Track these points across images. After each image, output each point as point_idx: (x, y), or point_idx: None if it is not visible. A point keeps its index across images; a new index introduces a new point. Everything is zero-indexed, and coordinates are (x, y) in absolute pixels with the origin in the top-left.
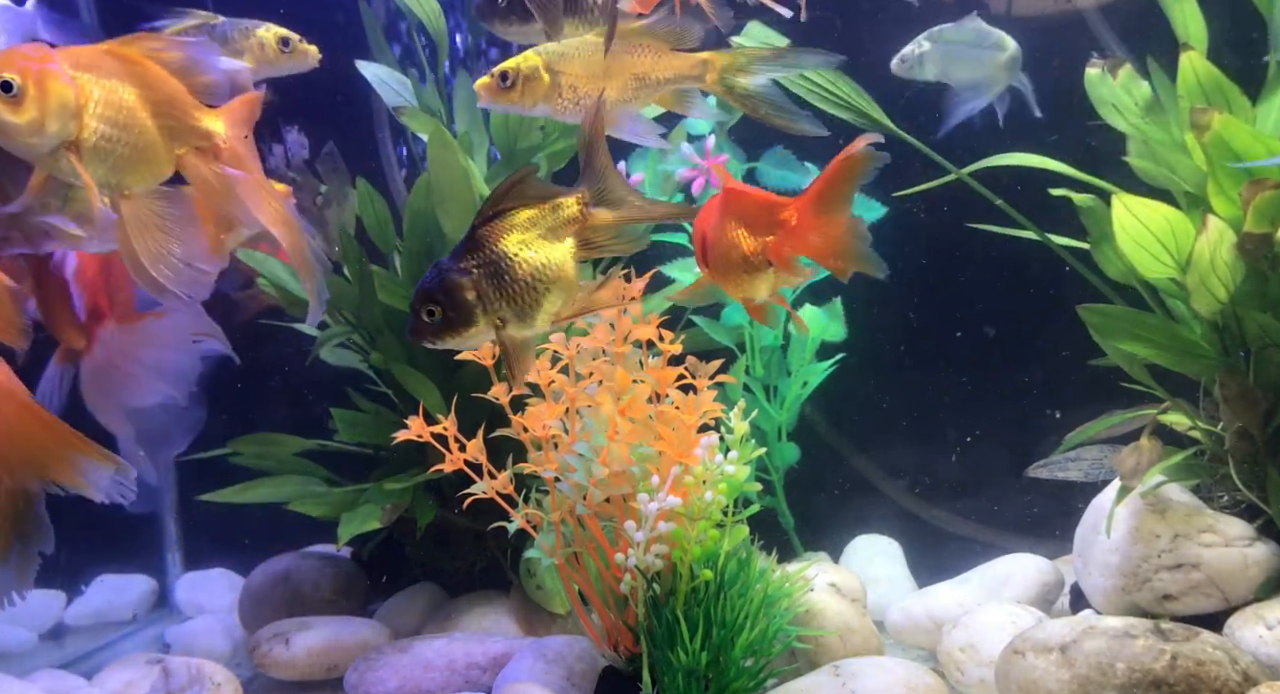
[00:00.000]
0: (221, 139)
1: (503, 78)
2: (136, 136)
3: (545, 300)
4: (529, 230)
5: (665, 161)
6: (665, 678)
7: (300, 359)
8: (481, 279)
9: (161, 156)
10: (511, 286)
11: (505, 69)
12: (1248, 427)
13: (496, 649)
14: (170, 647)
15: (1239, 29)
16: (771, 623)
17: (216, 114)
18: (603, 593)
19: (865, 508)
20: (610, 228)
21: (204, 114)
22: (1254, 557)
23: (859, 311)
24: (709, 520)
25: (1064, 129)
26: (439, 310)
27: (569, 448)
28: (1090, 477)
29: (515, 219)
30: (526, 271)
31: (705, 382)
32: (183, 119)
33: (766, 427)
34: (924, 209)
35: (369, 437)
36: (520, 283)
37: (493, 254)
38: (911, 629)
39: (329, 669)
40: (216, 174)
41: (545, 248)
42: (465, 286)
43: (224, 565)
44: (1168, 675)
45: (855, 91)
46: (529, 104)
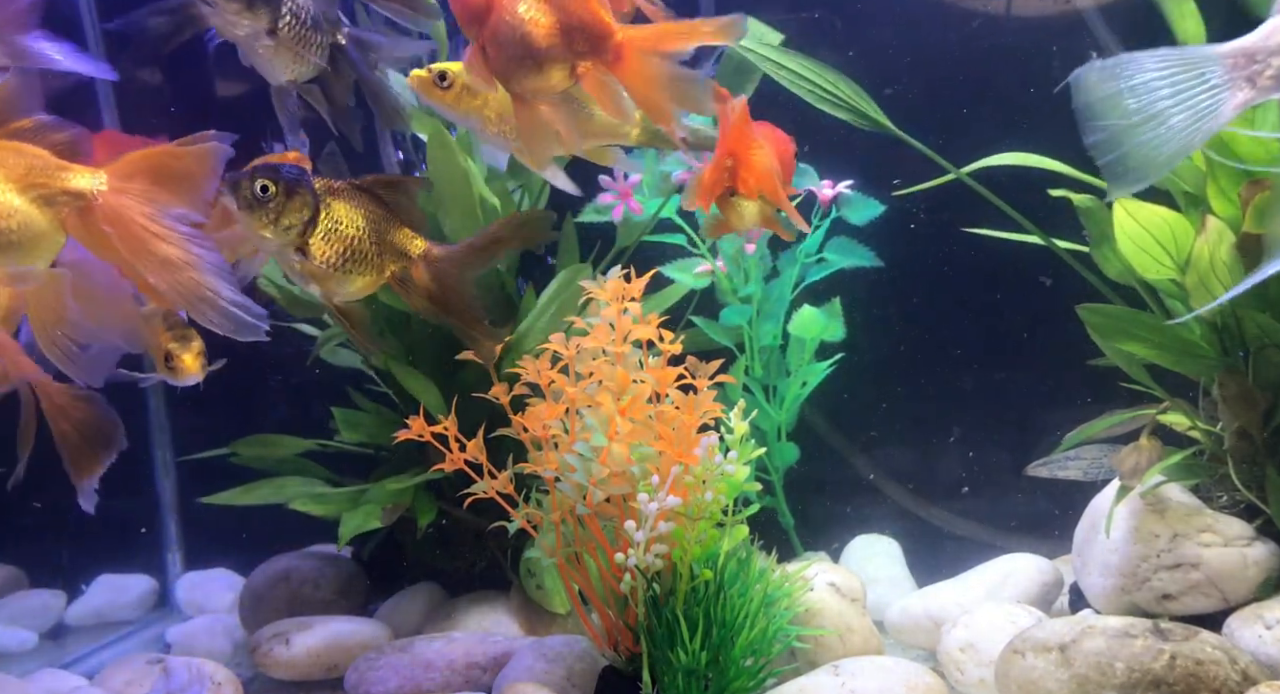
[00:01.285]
0: (92, 194)
1: (441, 77)
2: (9, 220)
3: (349, 277)
4: (368, 223)
5: (663, 162)
6: (665, 677)
7: (300, 359)
8: (321, 206)
9: (44, 229)
10: (331, 239)
11: (445, 71)
12: (1247, 427)
13: (497, 649)
14: (170, 647)
15: (1237, 29)
16: (771, 623)
17: (87, 170)
18: (603, 593)
19: (865, 508)
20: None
21: (71, 172)
22: (1253, 556)
23: (859, 311)
24: (709, 520)
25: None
26: (275, 189)
27: (569, 448)
28: (1089, 476)
29: (367, 205)
30: (349, 242)
31: (705, 382)
32: (50, 183)
33: (766, 427)
34: (924, 209)
35: (369, 437)
36: (341, 244)
37: (336, 209)
38: (911, 629)
39: (329, 669)
40: (97, 233)
41: (369, 243)
42: (305, 194)
43: (224, 565)
44: (1167, 675)
45: (854, 92)
46: (458, 112)
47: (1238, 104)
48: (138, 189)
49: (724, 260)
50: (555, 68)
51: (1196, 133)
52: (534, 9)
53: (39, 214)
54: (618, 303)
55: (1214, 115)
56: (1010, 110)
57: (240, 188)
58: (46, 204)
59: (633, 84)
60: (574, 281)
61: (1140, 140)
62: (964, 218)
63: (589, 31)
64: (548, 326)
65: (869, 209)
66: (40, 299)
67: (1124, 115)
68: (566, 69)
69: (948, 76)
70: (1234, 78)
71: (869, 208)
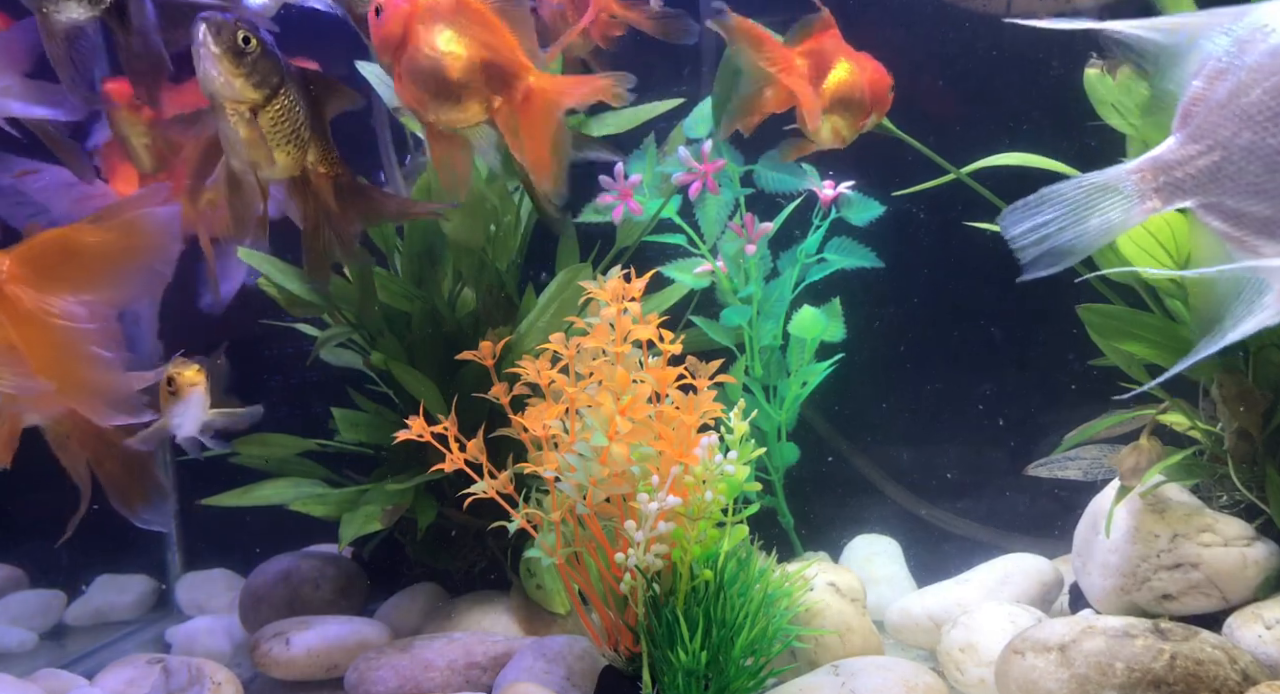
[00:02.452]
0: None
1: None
2: None
3: (278, 154)
4: (308, 113)
5: (663, 163)
6: (665, 677)
7: (300, 359)
8: (287, 80)
9: None
10: (284, 113)
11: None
12: (1247, 427)
13: (497, 649)
14: (170, 647)
15: None
16: (771, 622)
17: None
18: (603, 593)
19: (865, 508)
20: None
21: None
22: (1253, 556)
23: (859, 312)
24: (709, 520)
25: (1063, 129)
26: (255, 44)
27: (569, 448)
28: (1089, 476)
29: (311, 97)
30: (296, 123)
31: (705, 382)
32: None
33: (766, 427)
34: (924, 209)
35: (369, 437)
36: (289, 122)
37: (294, 87)
38: (911, 629)
39: (329, 669)
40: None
41: (305, 131)
42: (278, 61)
43: (224, 565)
44: (1167, 675)
45: None
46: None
47: (1147, 211)
48: (39, 277)
49: (724, 260)
50: (470, 101)
51: (1109, 233)
52: (452, 42)
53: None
54: (618, 303)
55: (1125, 221)
56: (1010, 110)
57: (223, 32)
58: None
59: (530, 128)
60: (574, 281)
61: (1061, 240)
62: (964, 218)
63: (504, 70)
64: (548, 327)
65: (869, 210)
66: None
67: (1053, 240)
68: (481, 103)
69: (947, 77)
70: (1142, 191)
71: (869, 208)
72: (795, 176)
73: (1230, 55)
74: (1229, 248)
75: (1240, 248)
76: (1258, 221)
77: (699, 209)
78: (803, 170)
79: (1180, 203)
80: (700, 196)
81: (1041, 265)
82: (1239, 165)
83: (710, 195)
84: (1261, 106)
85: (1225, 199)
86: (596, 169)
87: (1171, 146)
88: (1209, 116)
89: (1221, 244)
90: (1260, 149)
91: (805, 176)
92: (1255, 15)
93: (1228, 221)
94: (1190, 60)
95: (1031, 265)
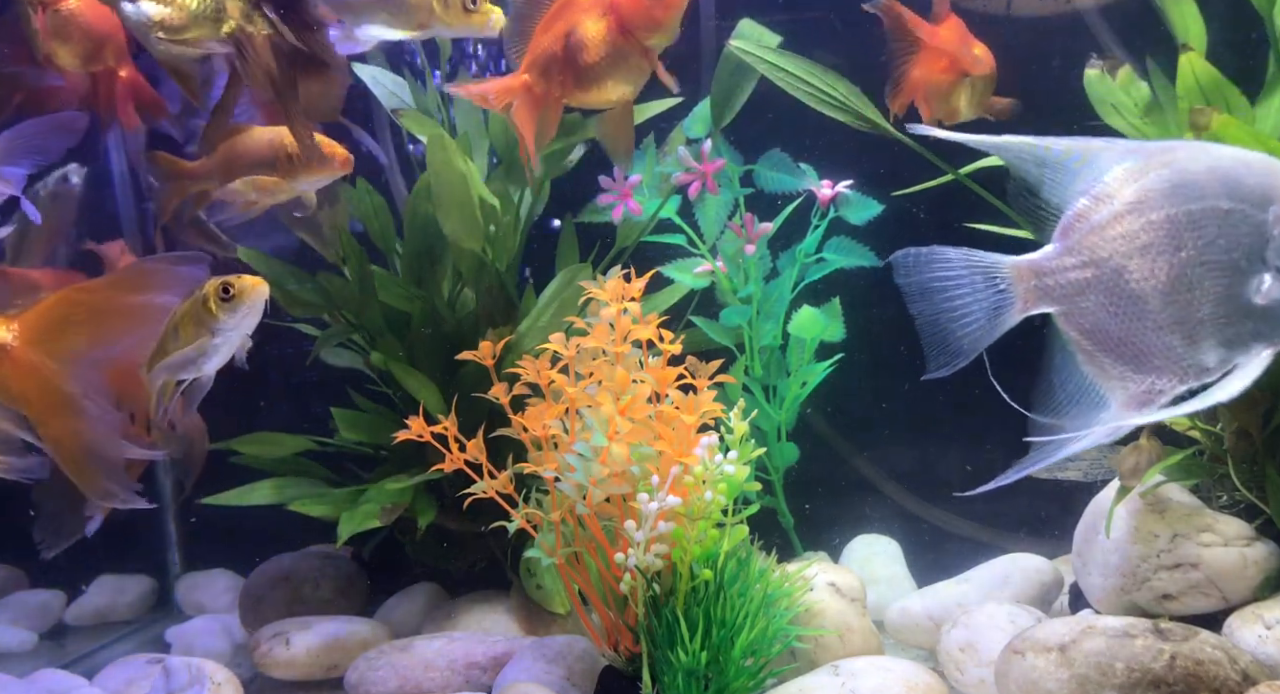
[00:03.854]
0: (8, 343)
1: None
2: None
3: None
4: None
5: (663, 163)
6: (665, 677)
7: (300, 359)
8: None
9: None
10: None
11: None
12: (1246, 426)
13: (497, 649)
14: (170, 646)
15: (1238, 29)
16: (771, 623)
17: (9, 320)
18: (603, 593)
19: (865, 508)
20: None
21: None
22: (1253, 556)
23: (859, 311)
24: (709, 520)
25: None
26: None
27: (569, 448)
28: (1089, 476)
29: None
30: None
31: (705, 382)
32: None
33: (766, 427)
34: (923, 209)
35: (369, 436)
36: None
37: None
38: (911, 629)
39: (329, 669)
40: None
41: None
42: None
43: (224, 565)
44: (1167, 675)
45: (852, 93)
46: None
47: (1019, 310)
48: (48, 339)
49: (724, 260)
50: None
51: (994, 328)
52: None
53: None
54: (618, 303)
55: (1004, 319)
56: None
57: None
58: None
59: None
60: (574, 281)
61: (950, 329)
62: (963, 218)
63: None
64: (548, 326)
65: (868, 209)
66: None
67: (935, 304)
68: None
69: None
70: (1017, 288)
71: (868, 208)
72: (794, 176)
73: (1117, 183)
74: (1079, 358)
75: (1089, 361)
76: (1110, 339)
77: (698, 209)
78: (802, 170)
79: (1046, 308)
80: (700, 196)
81: (939, 362)
82: (1106, 285)
83: (710, 195)
84: (1132, 236)
85: (1087, 313)
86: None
87: (1049, 254)
88: (1088, 235)
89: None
90: (1126, 273)
91: (804, 177)
92: (1146, 152)
93: (1083, 334)
94: (1081, 179)
95: (932, 361)
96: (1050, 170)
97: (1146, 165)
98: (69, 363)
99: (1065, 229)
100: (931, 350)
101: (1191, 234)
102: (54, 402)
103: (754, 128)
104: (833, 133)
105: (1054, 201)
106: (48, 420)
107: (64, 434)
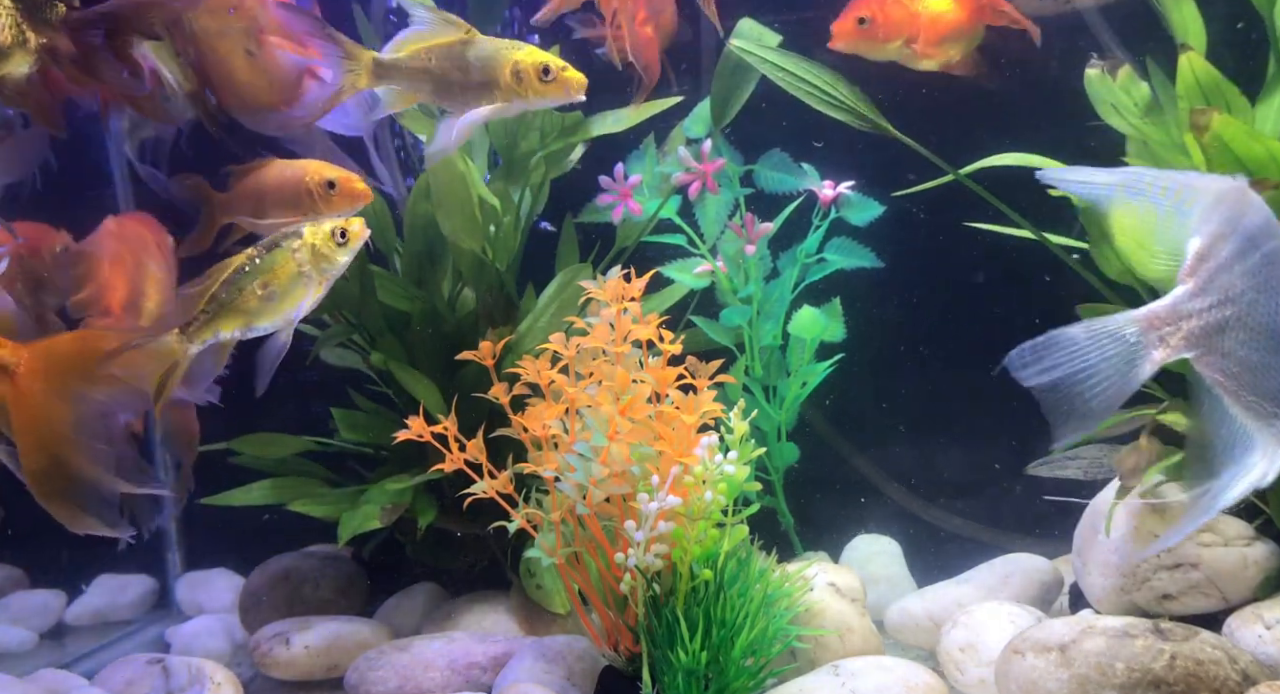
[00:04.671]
0: (15, 369)
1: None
2: None
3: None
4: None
5: (663, 163)
6: (665, 677)
7: (300, 359)
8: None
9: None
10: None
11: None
12: None
13: (497, 649)
14: (170, 646)
15: (1238, 29)
16: (771, 622)
17: (9, 347)
18: (603, 593)
19: (865, 508)
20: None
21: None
22: (1253, 556)
23: (859, 311)
24: (709, 520)
25: (1063, 129)
26: None
27: (569, 448)
28: (1089, 475)
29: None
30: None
31: (705, 382)
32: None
33: (766, 427)
34: (923, 209)
35: (369, 437)
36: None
37: None
38: (911, 629)
39: (329, 669)
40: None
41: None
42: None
43: (224, 565)
44: (1167, 675)
45: (852, 93)
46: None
47: (1157, 360)
48: (53, 374)
49: (724, 260)
50: None
51: (1128, 387)
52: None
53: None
54: (618, 303)
55: (1138, 373)
56: (1009, 110)
57: None
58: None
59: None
60: (574, 281)
61: (1079, 395)
62: (963, 218)
63: None
64: (548, 327)
65: (869, 210)
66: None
67: (1064, 382)
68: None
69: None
70: (1148, 337)
71: (869, 209)
72: (794, 176)
73: (1228, 220)
74: (1225, 400)
75: (1236, 401)
76: (1254, 375)
77: (699, 209)
78: (802, 170)
79: (1186, 353)
80: (700, 196)
81: (1068, 429)
82: (1243, 322)
83: (710, 195)
84: (1256, 271)
85: (1230, 352)
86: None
87: (1180, 297)
88: (1217, 274)
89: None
90: (1258, 307)
91: (805, 176)
92: (1233, 190)
93: (1226, 375)
94: (1185, 217)
95: (1058, 430)
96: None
97: (1242, 199)
98: (68, 401)
99: (1189, 270)
100: (1059, 418)
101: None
102: (44, 433)
103: (755, 127)
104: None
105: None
106: (33, 451)
107: (46, 467)
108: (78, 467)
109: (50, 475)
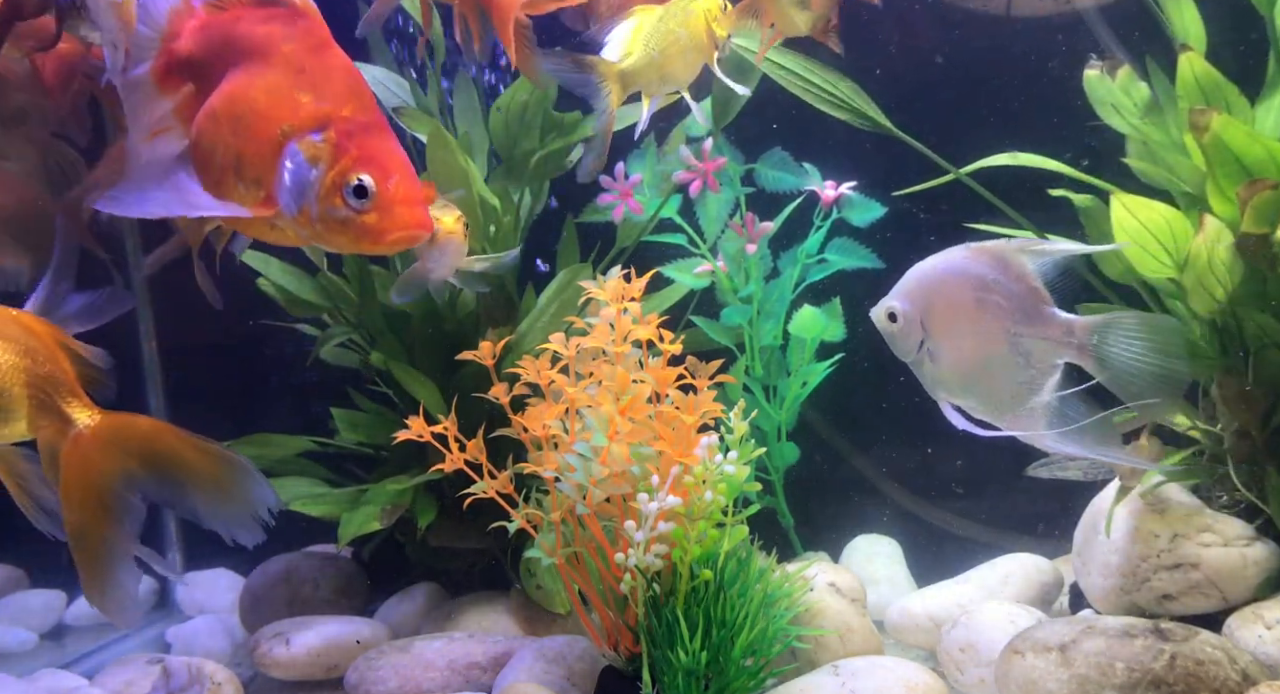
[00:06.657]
0: (77, 430)
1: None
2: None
3: None
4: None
5: (663, 162)
6: (665, 678)
7: (300, 359)
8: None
9: (19, 419)
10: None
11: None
12: (1246, 426)
13: (497, 649)
14: (170, 647)
15: (1238, 29)
16: (771, 623)
17: (88, 410)
18: (603, 593)
19: (865, 508)
20: None
21: (75, 402)
22: (1253, 556)
23: (859, 311)
24: (709, 520)
25: (1063, 129)
26: None
27: (569, 448)
28: (1090, 476)
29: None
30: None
31: (705, 382)
32: (52, 397)
33: (766, 427)
34: (923, 209)
35: (369, 437)
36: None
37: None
38: (911, 629)
39: (329, 669)
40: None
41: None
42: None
43: (224, 565)
44: (1167, 675)
45: (853, 92)
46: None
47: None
48: (119, 446)
49: (724, 260)
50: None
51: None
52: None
53: (23, 417)
54: (618, 303)
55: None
56: (1010, 110)
57: None
58: (39, 410)
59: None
60: (574, 281)
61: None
62: (964, 218)
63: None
64: (548, 327)
65: (870, 210)
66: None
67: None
68: None
69: (947, 76)
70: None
71: (870, 209)
72: (796, 175)
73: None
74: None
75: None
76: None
77: (699, 208)
78: (804, 170)
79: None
80: (700, 195)
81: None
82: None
83: (711, 194)
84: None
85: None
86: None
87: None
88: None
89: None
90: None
91: (806, 176)
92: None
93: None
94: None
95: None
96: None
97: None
98: (117, 477)
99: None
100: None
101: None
102: (93, 500)
103: (755, 127)
104: (835, 132)
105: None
106: (81, 514)
107: (90, 533)
108: (109, 541)
109: (92, 545)
